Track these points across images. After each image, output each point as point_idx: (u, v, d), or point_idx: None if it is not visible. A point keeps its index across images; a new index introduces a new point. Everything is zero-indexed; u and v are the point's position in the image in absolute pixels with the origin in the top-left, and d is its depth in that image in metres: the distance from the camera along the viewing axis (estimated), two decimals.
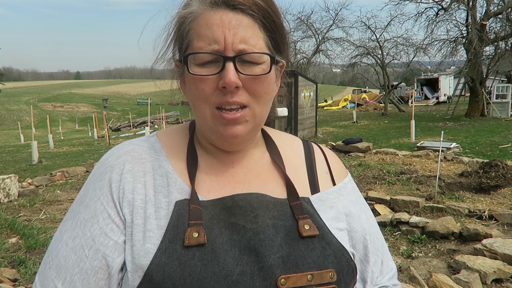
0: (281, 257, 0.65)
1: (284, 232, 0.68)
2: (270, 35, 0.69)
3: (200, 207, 0.68)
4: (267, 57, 0.68)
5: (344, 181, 0.84)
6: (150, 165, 0.73)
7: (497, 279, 3.09)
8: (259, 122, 0.72)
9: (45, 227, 4.77)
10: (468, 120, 16.03)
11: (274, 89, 0.74)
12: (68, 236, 0.68)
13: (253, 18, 0.67)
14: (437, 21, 18.02)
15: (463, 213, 4.57)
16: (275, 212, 0.70)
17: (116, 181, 0.70)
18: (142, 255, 0.64)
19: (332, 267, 0.67)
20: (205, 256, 0.63)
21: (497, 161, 6.08)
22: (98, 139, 19.38)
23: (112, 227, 0.67)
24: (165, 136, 0.80)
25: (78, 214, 0.70)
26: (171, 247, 0.63)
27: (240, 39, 0.65)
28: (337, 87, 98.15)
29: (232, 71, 0.65)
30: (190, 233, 0.64)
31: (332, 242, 0.70)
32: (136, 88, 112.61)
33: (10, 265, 3.66)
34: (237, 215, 0.68)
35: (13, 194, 6.14)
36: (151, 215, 0.67)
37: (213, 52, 0.65)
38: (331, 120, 20.98)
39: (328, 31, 24.48)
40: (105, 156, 0.76)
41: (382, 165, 7.50)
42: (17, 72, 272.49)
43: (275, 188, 0.75)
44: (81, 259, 0.66)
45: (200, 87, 0.67)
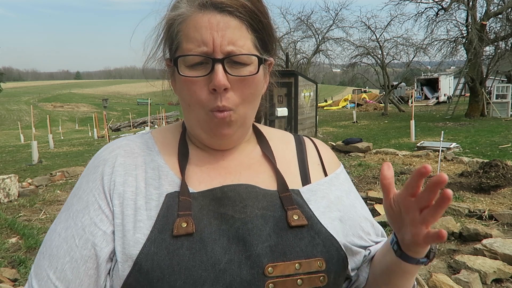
0: (269, 246, 0.67)
1: (273, 222, 0.70)
2: (258, 35, 0.71)
3: (190, 199, 0.69)
4: (255, 58, 0.69)
5: (336, 171, 0.85)
6: (142, 159, 0.75)
7: (497, 279, 3.10)
8: (245, 121, 0.74)
9: (45, 227, 4.77)
10: (468, 120, 16.03)
11: (261, 88, 0.75)
12: (61, 227, 0.70)
13: (241, 20, 0.68)
14: (437, 21, 18.03)
15: (463, 213, 4.58)
16: (264, 203, 0.72)
17: (108, 174, 0.72)
18: (131, 245, 0.65)
19: (321, 256, 0.68)
20: (193, 245, 0.64)
21: (497, 161, 6.09)
22: (98, 139, 19.39)
23: (102, 218, 0.69)
24: (158, 133, 0.82)
25: (72, 206, 0.72)
26: (160, 237, 0.65)
27: (228, 41, 0.67)
28: (337, 87, 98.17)
29: (221, 73, 0.66)
30: (179, 223, 0.66)
31: (321, 231, 0.71)
32: (136, 88, 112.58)
33: (10, 265, 3.66)
34: (226, 206, 0.70)
35: (13, 194, 6.14)
36: (142, 206, 0.69)
37: (202, 54, 0.67)
38: (331, 120, 20.98)
39: (328, 31, 24.52)
40: (99, 151, 0.78)
41: (382, 165, 7.49)
42: (17, 72, 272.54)
43: (266, 179, 0.77)
44: (71, 248, 0.68)
45: (191, 89, 0.69)
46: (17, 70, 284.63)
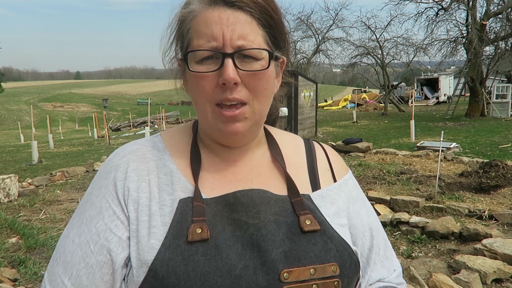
0: (283, 251, 0.66)
1: (286, 227, 0.69)
2: (269, 31, 0.70)
3: (203, 205, 0.69)
4: (266, 52, 0.68)
5: (344, 177, 0.84)
6: (154, 164, 0.75)
7: (497, 279, 3.09)
8: (259, 118, 0.73)
9: (45, 227, 4.77)
10: (468, 120, 16.03)
11: (274, 85, 0.75)
12: (74, 233, 0.70)
13: (251, 15, 0.67)
14: (437, 21, 18.02)
15: (463, 213, 4.57)
16: (276, 208, 0.71)
17: (121, 180, 0.72)
18: (146, 251, 0.65)
19: (335, 261, 0.68)
20: (208, 251, 0.64)
21: (497, 161, 6.08)
22: (98, 139, 19.38)
23: (117, 223, 0.69)
24: (168, 136, 0.81)
25: (84, 212, 0.72)
26: (175, 243, 0.64)
27: (238, 35, 0.66)
28: (337, 87, 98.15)
29: (231, 67, 0.65)
30: (193, 229, 0.65)
31: (333, 236, 0.71)
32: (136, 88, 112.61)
33: (10, 265, 3.66)
34: (239, 211, 0.70)
35: (13, 194, 6.14)
36: (156, 212, 0.69)
37: (211, 49, 0.66)
38: (331, 120, 20.98)
39: (328, 31, 24.51)
40: (110, 156, 0.78)
41: (382, 165, 7.50)
42: (17, 72, 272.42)
43: (276, 185, 0.76)
44: (86, 254, 0.67)
45: (200, 84, 0.68)
46: (17, 70, 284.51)
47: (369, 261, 0.80)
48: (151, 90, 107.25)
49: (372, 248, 0.80)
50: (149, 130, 15.97)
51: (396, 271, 0.83)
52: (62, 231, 4.60)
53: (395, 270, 0.83)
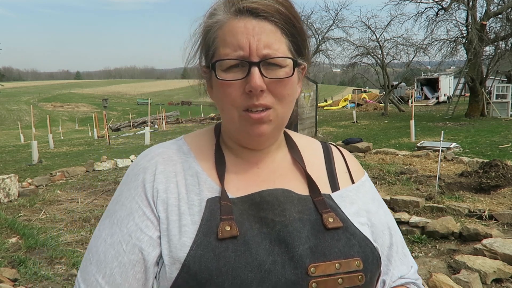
0: (309, 247, 0.70)
1: (310, 225, 0.73)
2: (292, 39, 0.73)
3: (230, 204, 0.73)
4: (290, 60, 0.72)
5: (361, 179, 0.88)
6: (181, 166, 0.78)
7: (497, 279, 3.10)
8: (282, 122, 0.76)
9: (45, 227, 4.77)
10: (468, 120, 16.03)
11: (297, 90, 0.79)
12: (106, 233, 0.73)
13: (276, 24, 0.71)
14: (437, 21, 18.01)
15: (463, 213, 4.57)
16: (300, 207, 0.75)
17: (149, 182, 0.75)
18: (179, 248, 0.68)
19: (358, 256, 0.71)
20: (238, 248, 0.67)
21: (497, 161, 6.08)
22: (98, 139, 19.37)
23: (147, 224, 0.72)
24: (192, 139, 0.85)
25: (115, 213, 0.75)
26: (206, 240, 0.68)
27: (264, 44, 0.69)
28: (337, 87, 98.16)
29: (258, 75, 0.69)
30: (222, 226, 0.69)
31: (355, 233, 0.74)
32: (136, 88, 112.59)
33: (10, 265, 3.66)
34: (265, 210, 0.73)
35: (13, 194, 6.14)
36: (185, 212, 0.72)
37: (238, 58, 0.70)
38: (331, 120, 20.98)
39: (328, 31, 24.44)
40: (137, 159, 0.81)
41: (382, 165, 7.50)
42: (17, 72, 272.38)
43: (298, 186, 0.80)
44: (119, 253, 0.70)
45: (227, 91, 0.72)
46: (17, 70, 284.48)
47: (390, 258, 0.83)
48: (151, 90, 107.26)
49: (392, 246, 0.84)
50: (149, 130, 15.98)
51: (413, 267, 0.87)
52: (62, 231, 4.63)
53: (412, 266, 0.87)
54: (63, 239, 4.35)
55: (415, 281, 0.85)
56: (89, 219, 5.05)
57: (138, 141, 16.24)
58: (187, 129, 21.52)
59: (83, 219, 5.05)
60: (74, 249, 4.05)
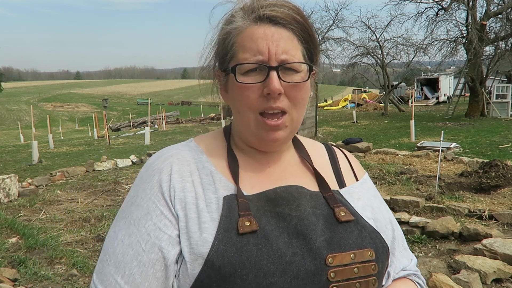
0: (325, 239, 0.73)
1: (323, 219, 0.77)
2: (306, 46, 0.78)
3: (247, 201, 0.75)
4: (305, 66, 0.77)
5: (364, 177, 0.94)
6: (195, 166, 0.80)
7: (497, 279, 3.10)
8: (296, 126, 0.80)
9: (45, 227, 4.77)
10: (468, 120, 16.03)
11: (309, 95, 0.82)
12: (123, 234, 0.74)
13: (293, 32, 0.75)
14: (437, 21, 18.01)
15: (463, 213, 4.57)
16: (312, 202, 0.79)
17: (166, 181, 0.77)
18: (200, 245, 0.70)
19: (370, 247, 0.76)
20: (259, 241, 0.70)
21: (497, 161, 6.08)
22: (98, 139, 19.38)
23: (166, 223, 0.73)
24: (202, 141, 0.87)
25: (131, 214, 0.76)
26: (227, 236, 0.70)
27: (282, 50, 0.73)
28: (337, 87, 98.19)
29: (276, 79, 0.73)
30: (242, 222, 0.71)
31: (366, 226, 0.79)
32: (136, 88, 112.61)
33: (10, 265, 3.66)
34: (281, 205, 0.76)
35: (13, 194, 6.14)
36: (204, 209, 0.74)
37: (258, 62, 0.73)
38: (331, 120, 20.98)
39: (328, 31, 24.40)
40: (151, 160, 0.83)
41: (382, 165, 7.50)
42: (17, 72, 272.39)
43: (308, 183, 0.84)
44: (138, 253, 0.71)
45: (245, 94, 0.75)
46: (17, 70, 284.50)
47: (393, 251, 0.87)
48: (151, 90, 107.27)
49: (394, 239, 0.88)
50: (149, 130, 15.98)
51: (413, 260, 0.92)
52: (62, 231, 4.63)
53: (412, 259, 0.92)
54: (63, 239, 4.35)
55: (415, 273, 0.90)
56: (89, 219, 5.05)
57: (138, 141, 16.24)
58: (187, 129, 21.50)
59: (83, 219, 5.04)
60: (74, 249, 4.05)
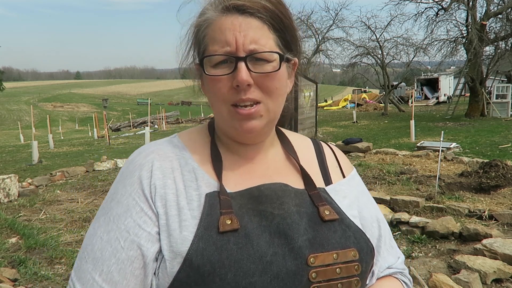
0: (308, 239, 0.72)
1: (307, 218, 0.75)
2: (280, 35, 0.74)
3: (229, 198, 0.74)
4: (277, 55, 0.73)
5: (351, 173, 0.92)
6: (177, 162, 0.78)
7: (497, 279, 3.10)
8: (273, 116, 0.77)
9: (45, 227, 4.77)
10: (468, 120, 16.02)
11: (286, 85, 0.79)
12: (102, 231, 0.72)
13: (262, 20, 0.72)
14: (437, 21, 18.01)
15: (463, 213, 4.57)
16: (297, 200, 0.77)
17: (146, 178, 0.75)
18: (180, 243, 0.68)
19: (354, 247, 0.74)
20: (240, 240, 0.68)
21: (497, 161, 6.08)
22: (98, 139, 19.38)
23: (145, 220, 0.72)
24: (186, 136, 0.85)
25: (110, 210, 0.74)
26: (207, 234, 0.68)
27: (250, 40, 0.71)
28: (337, 87, 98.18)
29: (244, 70, 0.70)
30: (223, 220, 0.70)
31: (350, 225, 0.77)
32: (136, 88, 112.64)
33: (10, 265, 3.66)
34: (264, 203, 0.75)
35: (13, 194, 6.14)
36: (184, 207, 0.73)
37: (226, 53, 0.71)
38: (331, 120, 20.98)
39: (328, 31, 24.46)
40: (132, 156, 0.81)
41: (382, 165, 7.50)
42: (17, 72, 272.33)
43: (294, 180, 0.82)
44: (117, 250, 0.70)
45: (216, 86, 0.73)
46: (17, 70, 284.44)
47: (378, 250, 0.85)
48: (151, 90, 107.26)
49: (380, 237, 0.87)
50: (149, 130, 15.96)
51: (400, 258, 0.91)
52: (62, 231, 4.63)
53: (399, 257, 0.91)
54: (63, 239, 4.35)
55: (402, 271, 0.89)
56: (89, 219, 5.05)
57: (138, 141, 16.24)
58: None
59: (83, 219, 5.05)
60: (74, 249, 4.05)
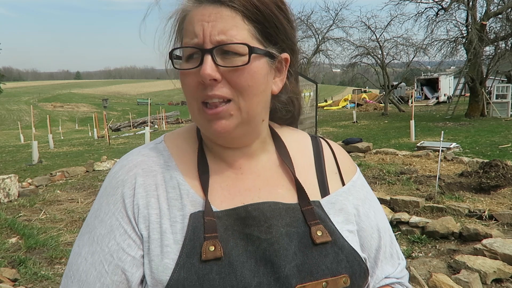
0: (296, 265, 0.67)
1: (297, 239, 0.69)
2: (257, 25, 0.67)
3: (214, 219, 0.68)
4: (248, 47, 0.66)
5: (353, 179, 0.83)
6: (162, 177, 0.73)
7: (497, 279, 3.09)
8: (247, 117, 0.69)
9: (45, 227, 4.77)
10: (468, 120, 16.02)
11: (263, 83, 0.69)
12: (86, 251, 0.69)
13: (234, 9, 0.65)
14: (437, 21, 18.01)
15: (463, 213, 4.57)
16: (287, 219, 0.71)
17: (129, 196, 0.71)
18: (161, 270, 0.65)
19: (346, 272, 0.69)
20: (223, 270, 0.64)
21: (497, 161, 6.08)
22: (98, 139, 19.37)
23: (129, 243, 0.69)
24: (173, 142, 0.79)
25: (94, 229, 0.71)
26: (189, 262, 0.64)
27: (219, 30, 0.64)
28: (337, 87, 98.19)
29: (209, 63, 0.64)
30: (206, 247, 0.65)
31: (344, 246, 0.72)
32: (136, 88, 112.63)
33: (10, 265, 3.66)
34: (251, 226, 0.69)
35: (13, 194, 6.14)
36: (167, 230, 0.68)
37: (193, 45, 0.66)
38: (331, 120, 20.98)
39: (328, 31, 24.46)
40: (115, 169, 0.75)
41: (382, 165, 7.50)
42: (17, 72, 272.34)
43: (285, 193, 0.75)
44: (101, 274, 0.67)
45: (185, 81, 0.68)
46: (17, 70, 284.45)
47: (376, 261, 0.81)
48: (151, 90, 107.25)
49: (380, 248, 0.81)
50: (149, 130, 15.95)
51: (400, 264, 0.85)
52: (62, 231, 4.63)
53: (399, 264, 0.84)
54: (63, 239, 4.35)
55: (400, 280, 0.83)
56: None
57: (138, 141, 16.23)
58: None
59: (83, 219, 5.04)
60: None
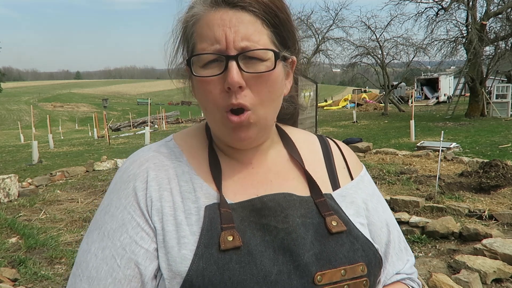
0: (314, 254, 0.67)
1: (313, 229, 0.70)
2: (275, 30, 0.68)
3: (230, 210, 0.68)
4: (272, 53, 0.66)
5: (360, 174, 0.84)
6: (174, 171, 0.73)
7: (497, 279, 3.09)
8: (265, 123, 0.70)
9: (45, 227, 4.77)
10: (468, 120, 16.02)
11: (281, 87, 0.72)
12: (96, 247, 0.68)
13: (255, 14, 0.65)
14: (437, 21, 18.02)
15: (463, 213, 4.57)
16: (302, 210, 0.71)
17: (141, 190, 0.70)
18: (179, 262, 0.64)
19: (362, 261, 0.69)
20: (242, 259, 0.64)
21: (497, 161, 6.08)
22: (98, 139, 19.38)
23: (142, 235, 0.67)
24: (183, 140, 0.79)
25: (104, 225, 0.69)
26: (208, 252, 0.64)
27: (242, 36, 0.64)
28: (337, 87, 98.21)
29: (235, 70, 0.64)
30: (224, 237, 0.65)
31: (359, 236, 0.72)
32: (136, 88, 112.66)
33: (10, 265, 3.66)
34: (267, 216, 0.69)
35: (13, 194, 6.14)
36: (182, 222, 0.68)
37: (215, 52, 0.65)
38: (331, 120, 20.98)
39: (328, 31, 24.46)
40: (126, 165, 0.75)
41: (382, 165, 7.50)
42: (17, 72, 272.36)
43: (297, 186, 0.76)
44: (113, 269, 0.65)
45: (207, 89, 0.67)
46: (17, 70, 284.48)
47: (387, 256, 0.81)
48: (151, 90, 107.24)
49: (389, 243, 0.81)
50: (149, 130, 15.96)
51: (409, 261, 0.85)
52: (62, 231, 4.63)
53: (408, 260, 0.85)
54: (63, 239, 4.35)
55: (410, 276, 0.84)
56: (89, 219, 5.04)
57: (138, 141, 16.24)
58: None
59: (83, 219, 5.05)
60: (74, 249, 4.05)
